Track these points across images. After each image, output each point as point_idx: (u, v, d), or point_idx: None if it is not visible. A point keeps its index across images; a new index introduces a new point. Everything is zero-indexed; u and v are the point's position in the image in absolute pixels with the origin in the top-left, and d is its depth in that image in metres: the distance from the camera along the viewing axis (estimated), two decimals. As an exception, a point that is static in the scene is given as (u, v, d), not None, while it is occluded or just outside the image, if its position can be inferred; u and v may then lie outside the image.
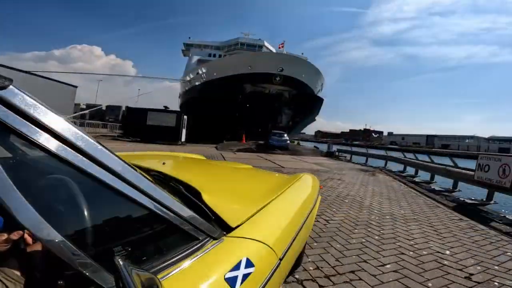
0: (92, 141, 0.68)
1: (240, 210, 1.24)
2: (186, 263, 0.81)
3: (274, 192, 1.61)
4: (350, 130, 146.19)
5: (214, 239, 0.97)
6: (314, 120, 39.66)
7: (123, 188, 0.73)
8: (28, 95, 0.58)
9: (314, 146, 29.05)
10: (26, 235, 0.80)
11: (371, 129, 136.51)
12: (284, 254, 1.23)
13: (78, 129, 0.65)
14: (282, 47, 41.36)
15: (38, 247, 0.82)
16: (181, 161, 2.46)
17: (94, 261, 0.59)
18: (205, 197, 1.21)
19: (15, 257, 0.76)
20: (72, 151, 0.64)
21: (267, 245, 1.09)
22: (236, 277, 0.86)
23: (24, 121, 0.57)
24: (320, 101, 36.39)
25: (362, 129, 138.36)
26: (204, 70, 33.29)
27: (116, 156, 0.73)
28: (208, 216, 1.05)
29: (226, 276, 0.84)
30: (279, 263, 1.15)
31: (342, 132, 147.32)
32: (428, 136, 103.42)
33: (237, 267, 0.89)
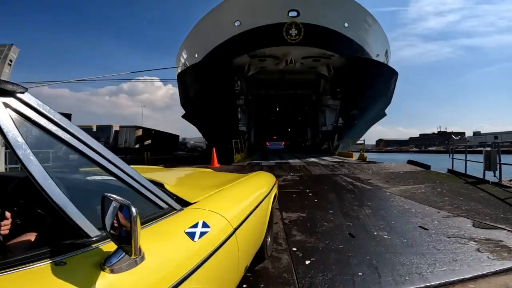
0: (88, 136, 0.95)
1: (197, 192, 1.51)
2: (154, 222, 1.06)
3: (229, 182, 1.91)
4: (420, 135, 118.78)
5: (176, 209, 1.23)
6: (384, 114, 22.61)
7: (111, 168, 0.99)
8: (38, 100, 0.83)
9: (410, 161, 10.31)
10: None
11: (448, 131, 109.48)
12: (239, 226, 1.51)
13: (73, 125, 0.91)
14: None
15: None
16: (147, 168, 2.69)
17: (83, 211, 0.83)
18: (167, 186, 1.47)
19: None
20: (73, 138, 0.89)
21: (220, 214, 1.38)
22: (194, 233, 1.13)
23: (39, 115, 0.82)
24: (391, 73, 19.87)
25: (436, 132, 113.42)
26: (184, 56, 20.35)
27: (106, 148, 1.00)
28: (170, 196, 1.31)
29: (186, 231, 1.11)
30: (234, 232, 1.43)
31: (410, 138, 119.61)
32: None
33: (195, 226, 1.16)
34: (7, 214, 1.05)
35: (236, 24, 15.80)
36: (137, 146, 31.17)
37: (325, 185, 6.18)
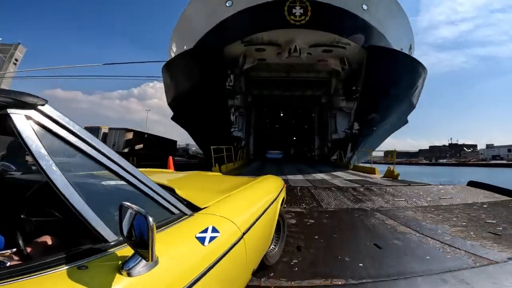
0: (104, 145, 1.00)
1: (207, 197, 1.56)
2: (166, 228, 1.11)
3: (238, 187, 1.95)
4: (430, 147, 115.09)
5: (186, 215, 1.27)
6: (406, 121, 18.64)
7: (128, 177, 1.05)
8: (56, 110, 0.89)
9: (472, 183, 7.04)
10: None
11: (459, 143, 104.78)
12: (247, 230, 1.55)
13: (91, 135, 0.96)
14: None
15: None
16: (158, 172, 2.75)
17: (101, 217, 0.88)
18: (178, 191, 1.51)
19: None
20: (90, 148, 0.94)
21: (229, 220, 1.42)
22: (204, 237, 1.17)
23: (58, 126, 0.87)
24: (420, 69, 15.80)
25: (447, 144, 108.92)
26: (174, 49, 17.35)
27: (119, 155, 1.05)
28: (181, 201, 1.35)
29: (197, 236, 1.15)
30: (242, 236, 1.47)
31: (420, 150, 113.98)
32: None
33: (205, 231, 1.21)
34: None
35: (227, 5, 12.89)
36: (126, 150, 28.31)
37: (354, 245, 3.07)
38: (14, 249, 1.02)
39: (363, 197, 5.77)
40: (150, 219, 0.73)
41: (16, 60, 40.88)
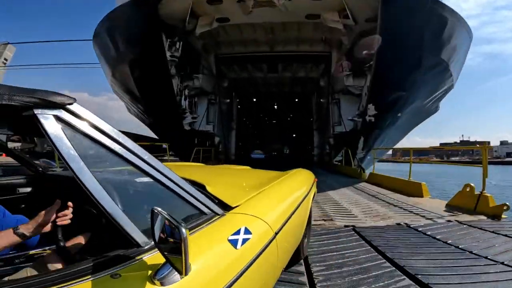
0: (133, 142, 0.96)
1: (239, 195, 1.50)
2: (197, 230, 1.06)
3: (269, 182, 1.88)
4: (440, 144, 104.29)
5: (218, 214, 1.22)
6: (437, 108, 14.17)
7: (159, 176, 1.01)
8: (85, 109, 0.85)
9: None
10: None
11: (471, 140, 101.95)
12: (280, 229, 1.48)
13: (120, 133, 0.93)
14: None
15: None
16: (187, 166, 2.75)
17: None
18: (208, 188, 1.47)
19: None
20: (120, 147, 0.91)
21: (262, 219, 1.35)
22: (237, 240, 1.12)
23: (89, 126, 0.84)
24: (461, 29, 10.24)
25: (458, 141, 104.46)
26: None
27: (153, 156, 1.01)
28: (212, 200, 1.30)
29: (229, 238, 1.09)
30: (275, 236, 1.40)
31: (433, 148, 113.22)
32: None
33: (237, 233, 1.15)
34: (69, 203, 1.11)
35: None
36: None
37: None
38: (47, 248, 1.03)
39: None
40: (183, 230, 0.68)
41: (6, 59, 41.29)
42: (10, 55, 42.42)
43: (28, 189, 1.84)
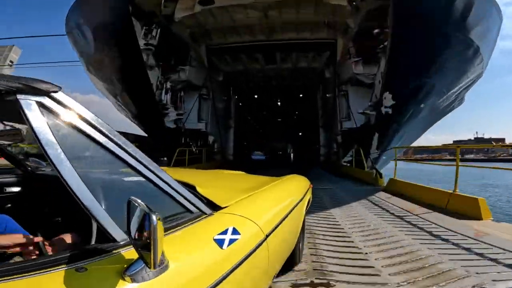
0: (119, 135, 0.93)
1: (229, 196, 1.46)
2: (182, 228, 1.02)
3: (262, 186, 1.84)
4: (454, 141, 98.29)
5: (206, 214, 1.18)
6: (462, 100, 12.36)
7: (143, 170, 0.98)
8: (70, 98, 0.83)
9: None
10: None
11: (486, 137, 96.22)
12: (271, 232, 1.43)
13: (106, 124, 0.90)
14: None
15: None
16: (181, 170, 2.73)
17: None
18: (199, 189, 1.43)
19: None
20: (105, 138, 0.88)
21: (252, 220, 1.31)
22: (223, 240, 1.07)
23: (72, 115, 0.82)
24: (490, 8, 8.45)
25: (473, 138, 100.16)
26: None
27: (137, 148, 0.98)
28: (201, 199, 1.27)
29: (215, 238, 1.05)
30: (266, 239, 1.35)
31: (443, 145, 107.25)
32: None
33: (224, 232, 1.10)
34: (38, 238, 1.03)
35: None
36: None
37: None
38: (31, 247, 0.99)
39: None
40: (154, 217, 0.64)
41: (11, 62, 41.36)
42: (16, 57, 42.78)
43: (17, 189, 1.80)
